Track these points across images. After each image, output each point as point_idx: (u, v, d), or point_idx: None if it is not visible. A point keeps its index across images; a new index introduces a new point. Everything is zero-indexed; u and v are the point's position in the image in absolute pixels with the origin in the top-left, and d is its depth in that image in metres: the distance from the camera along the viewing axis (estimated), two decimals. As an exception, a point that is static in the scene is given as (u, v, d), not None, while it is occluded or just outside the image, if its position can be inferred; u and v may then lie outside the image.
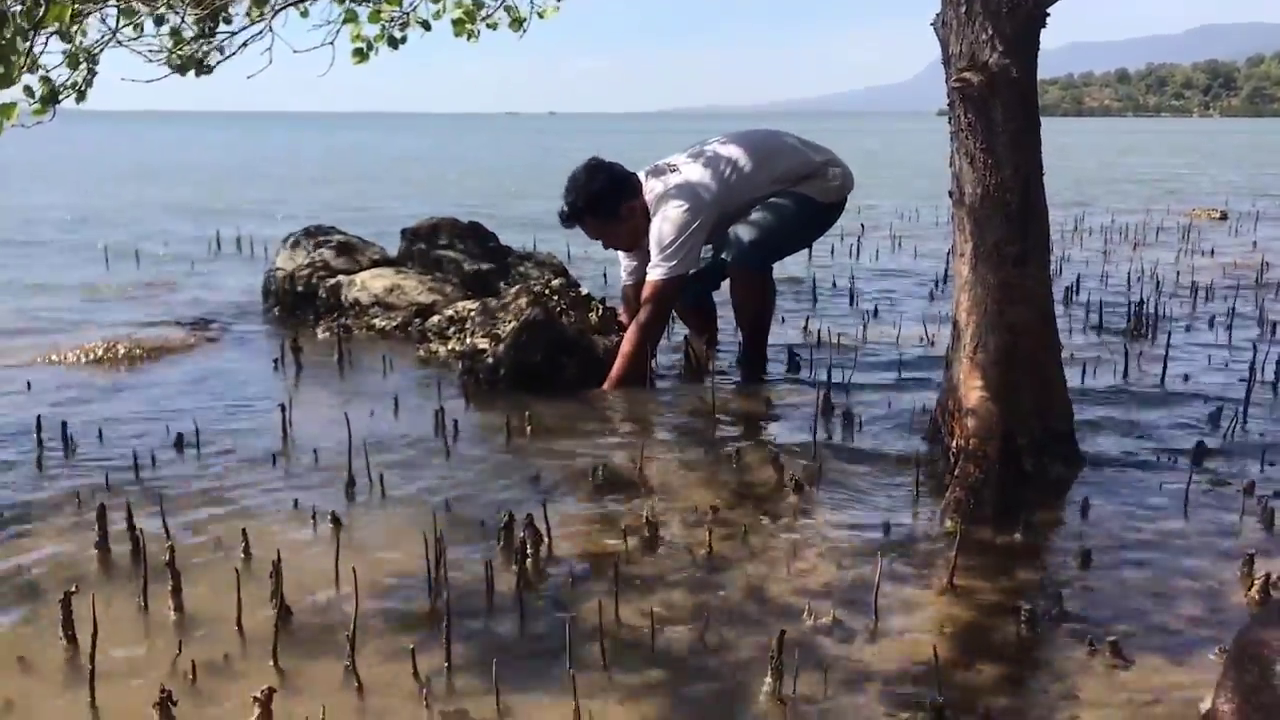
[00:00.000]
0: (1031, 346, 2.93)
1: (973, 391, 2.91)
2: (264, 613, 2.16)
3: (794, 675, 1.89)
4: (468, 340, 4.21)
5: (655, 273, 3.94)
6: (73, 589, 2.08)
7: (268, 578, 2.20)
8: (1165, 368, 4.02)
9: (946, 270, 6.49)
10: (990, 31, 2.81)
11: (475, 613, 2.22)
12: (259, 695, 1.80)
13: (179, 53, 3.77)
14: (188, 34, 3.74)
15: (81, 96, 3.61)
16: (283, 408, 3.42)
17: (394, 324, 4.99)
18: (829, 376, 3.86)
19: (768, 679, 1.90)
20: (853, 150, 3.45)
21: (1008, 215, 2.89)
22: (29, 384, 4.04)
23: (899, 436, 3.38)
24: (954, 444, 2.93)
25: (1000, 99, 2.87)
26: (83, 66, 3.54)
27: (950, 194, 3.03)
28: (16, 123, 3.40)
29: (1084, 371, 4.09)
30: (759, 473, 3.04)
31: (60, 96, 3.51)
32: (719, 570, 2.42)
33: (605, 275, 6.45)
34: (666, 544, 2.55)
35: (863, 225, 9.00)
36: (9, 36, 2.81)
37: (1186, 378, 4.03)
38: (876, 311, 5.32)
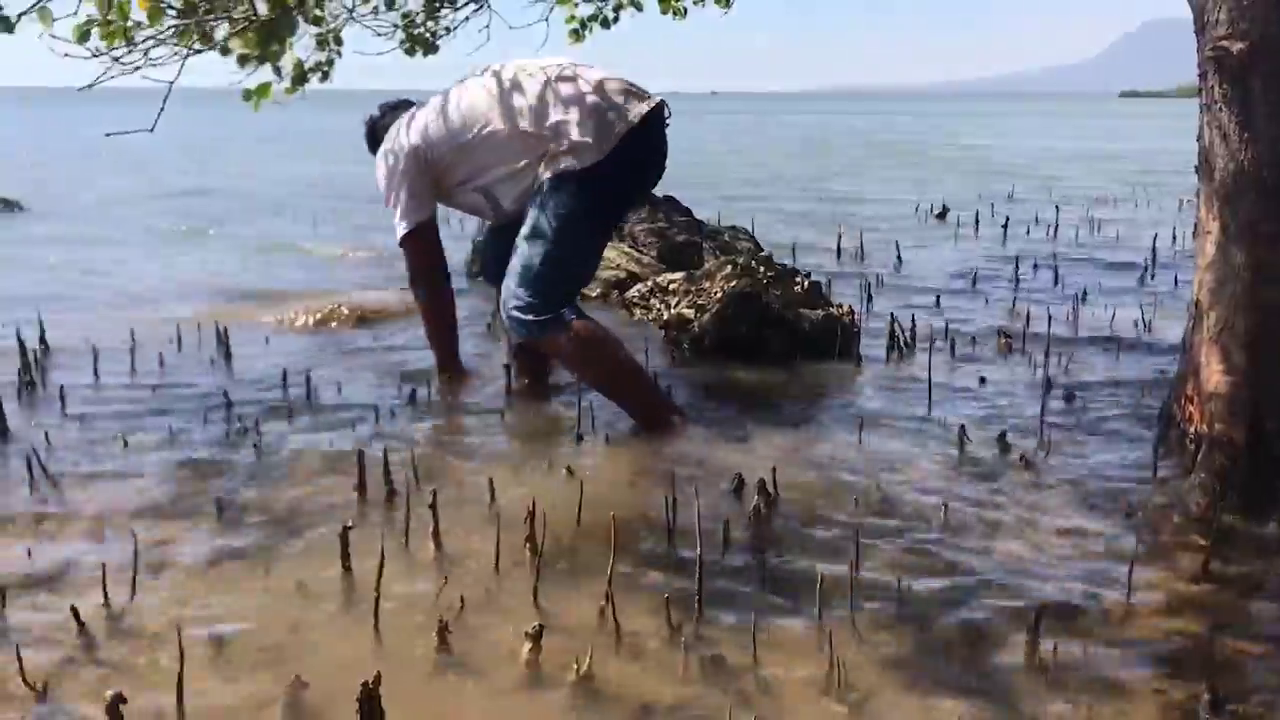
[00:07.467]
0: (1284, 329, 2.78)
1: (1216, 374, 2.79)
2: (517, 554, 2.27)
3: (1052, 642, 1.87)
4: (673, 310, 4.28)
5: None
6: (349, 524, 2.23)
7: (522, 522, 2.31)
8: None
9: (1154, 254, 6.21)
10: (1255, -3, 2.68)
11: (716, 567, 2.28)
12: (530, 631, 1.91)
13: (410, 33, 3.97)
14: (414, 9, 3.93)
15: (325, 76, 3.84)
16: (506, 368, 3.57)
17: (595, 293, 5.12)
18: (1046, 355, 3.77)
19: (1024, 642, 1.89)
20: (1032, 131, 3.31)
21: (1263, 191, 2.76)
22: (267, 339, 4.32)
23: (1124, 418, 3.28)
24: (1193, 429, 2.83)
25: (1260, 70, 2.74)
26: (330, 47, 3.77)
27: (1196, 170, 2.91)
28: (272, 100, 3.66)
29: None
30: (985, 448, 3.00)
31: (308, 76, 3.74)
32: (958, 538, 2.41)
33: (793, 249, 6.43)
34: (900, 513, 2.55)
35: (1057, 207, 8.69)
36: (283, 13, 3.01)
37: None
38: (1085, 294, 5.14)
